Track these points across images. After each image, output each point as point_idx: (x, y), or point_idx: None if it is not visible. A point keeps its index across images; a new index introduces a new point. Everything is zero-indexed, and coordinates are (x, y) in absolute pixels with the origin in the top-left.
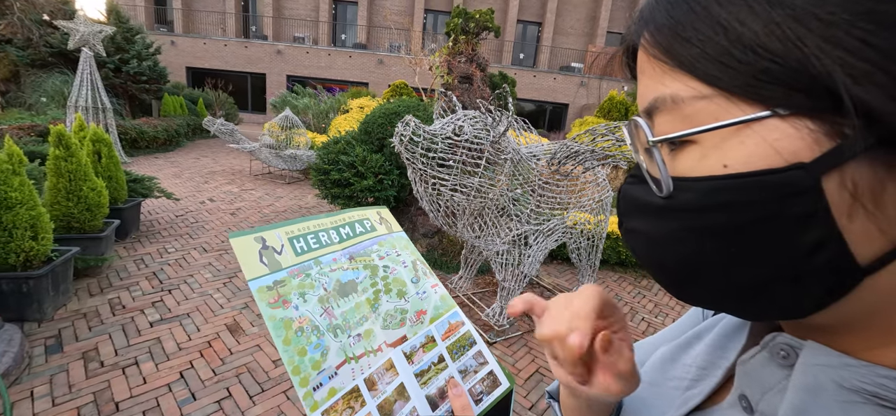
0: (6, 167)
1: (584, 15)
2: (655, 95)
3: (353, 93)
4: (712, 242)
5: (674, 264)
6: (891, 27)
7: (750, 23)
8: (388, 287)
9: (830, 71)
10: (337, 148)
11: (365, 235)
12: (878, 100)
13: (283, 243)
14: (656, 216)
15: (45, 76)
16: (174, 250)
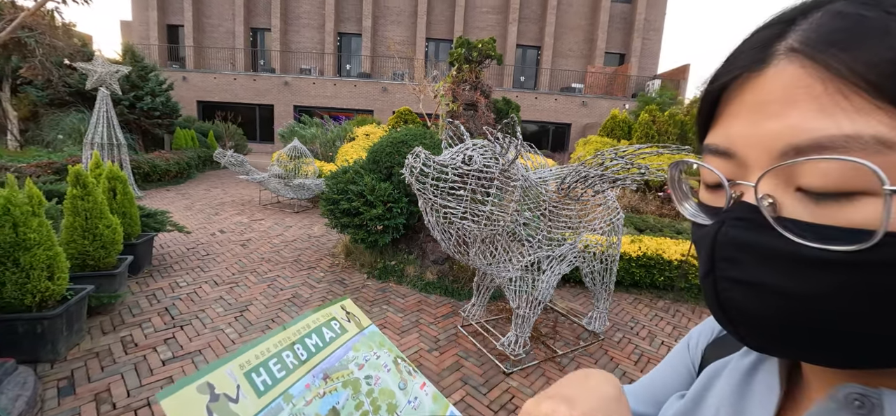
0: (26, 209)
1: (582, 37)
2: (836, 131)
3: (358, 121)
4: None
5: (817, 324)
6: None
7: None
8: (376, 405)
9: None
10: (346, 178)
11: (336, 340)
12: None
13: (238, 383)
14: (810, 268)
15: (62, 115)
16: (186, 284)
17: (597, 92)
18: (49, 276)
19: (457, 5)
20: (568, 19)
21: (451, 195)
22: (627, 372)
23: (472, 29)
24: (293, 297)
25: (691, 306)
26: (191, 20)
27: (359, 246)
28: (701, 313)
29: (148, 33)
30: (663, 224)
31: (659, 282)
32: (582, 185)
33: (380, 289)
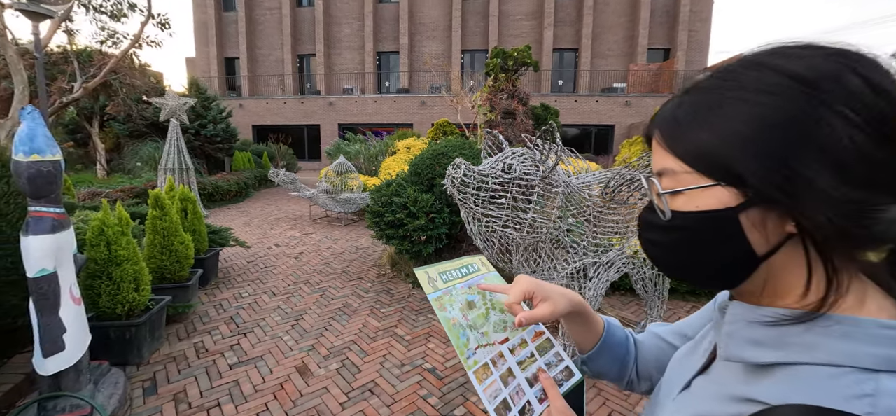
0: (116, 229)
1: (622, 35)
2: (663, 166)
3: (399, 135)
4: (691, 246)
5: (673, 260)
6: (758, 155)
7: (706, 143)
8: (494, 306)
9: (741, 172)
10: (389, 191)
11: (476, 272)
12: (756, 184)
13: (437, 276)
14: (662, 231)
15: (140, 145)
16: (248, 294)
17: (641, 91)
18: (135, 288)
19: (490, 15)
20: (605, 18)
21: (492, 204)
22: None
23: (506, 37)
24: (344, 307)
25: None
26: (245, 52)
27: (403, 256)
28: None
29: (209, 67)
30: None
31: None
32: (628, 188)
33: (424, 299)
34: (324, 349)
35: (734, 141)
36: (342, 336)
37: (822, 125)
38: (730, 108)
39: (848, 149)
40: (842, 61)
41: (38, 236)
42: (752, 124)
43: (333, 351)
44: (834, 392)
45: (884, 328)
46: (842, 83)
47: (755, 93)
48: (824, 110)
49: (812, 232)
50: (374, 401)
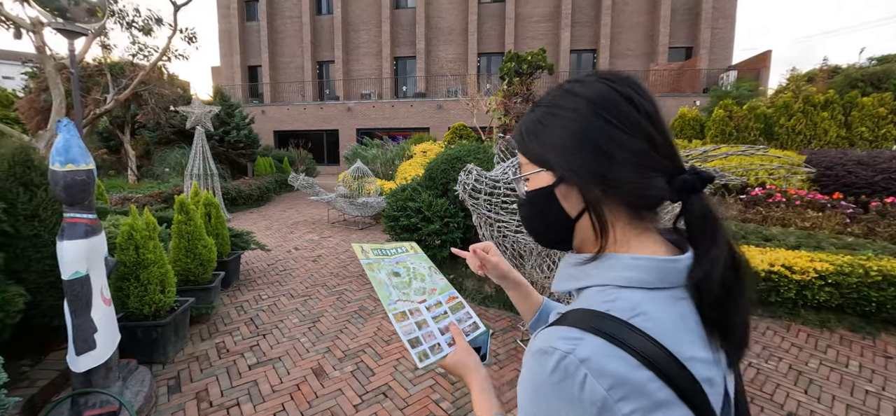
0: (144, 234)
1: (642, 34)
2: (520, 162)
3: (415, 139)
4: (536, 214)
5: (533, 227)
6: (561, 151)
7: (535, 148)
8: (417, 277)
9: (551, 161)
10: (404, 195)
11: (404, 253)
12: (559, 169)
13: (369, 250)
14: (523, 207)
15: (168, 151)
16: (267, 296)
17: (662, 90)
18: (161, 290)
19: (507, 18)
20: (625, 18)
21: (503, 209)
22: None
23: (523, 40)
24: (359, 310)
25: (785, 323)
26: (267, 60)
27: None
28: (797, 332)
29: (233, 75)
30: (747, 231)
31: None
32: None
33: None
34: (339, 351)
35: (550, 142)
36: (357, 339)
37: (596, 128)
38: (548, 121)
39: (612, 142)
40: (609, 84)
41: (72, 241)
42: (559, 131)
43: (348, 354)
44: (596, 300)
45: (633, 260)
46: (608, 99)
47: (562, 110)
48: (597, 119)
49: (588, 200)
50: (387, 404)
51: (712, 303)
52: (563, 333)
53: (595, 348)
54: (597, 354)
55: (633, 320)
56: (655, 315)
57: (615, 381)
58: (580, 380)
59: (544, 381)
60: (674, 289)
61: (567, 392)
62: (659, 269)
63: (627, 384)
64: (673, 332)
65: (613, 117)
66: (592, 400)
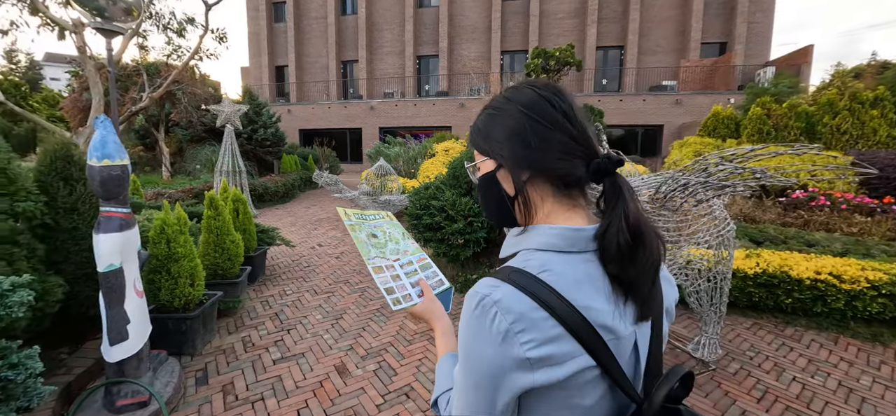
0: (176, 228)
1: (672, 30)
2: (473, 153)
3: (437, 137)
4: (487, 196)
5: (487, 209)
6: (499, 143)
7: (480, 142)
8: (390, 239)
9: (492, 151)
10: (427, 194)
11: (381, 218)
12: (497, 157)
13: (351, 214)
14: (479, 192)
15: (199, 149)
16: (291, 292)
17: (693, 88)
18: (191, 283)
19: (531, 15)
20: (654, 13)
21: None
22: (748, 411)
23: (548, 37)
24: (382, 308)
25: (833, 336)
26: (293, 61)
27: (441, 259)
28: (846, 345)
29: (261, 75)
30: (787, 235)
31: (785, 304)
32: (681, 194)
33: (462, 304)
34: (361, 349)
35: (492, 136)
36: (379, 338)
37: (523, 125)
38: (491, 121)
39: (536, 135)
40: (536, 90)
41: (107, 234)
42: (498, 128)
43: (371, 352)
44: (517, 260)
45: (549, 229)
46: (532, 102)
47: (501, 112)
48: (525, 118)
49: (516, 181)
50: (409, 405)
51: (609, 259)
52: (487, 281)
53: (505, 292)
54: (506, 297)
55: (541, 275)
56: (559, 271)
57: (516, 317)
58: (491, 316)
59: (469, 315)
60: (584, 253)
61: (482, 324)
62: (568, 236)
63: (525, 320)
64: (573, 285)
65: (537, 116)
66: (498, 330)
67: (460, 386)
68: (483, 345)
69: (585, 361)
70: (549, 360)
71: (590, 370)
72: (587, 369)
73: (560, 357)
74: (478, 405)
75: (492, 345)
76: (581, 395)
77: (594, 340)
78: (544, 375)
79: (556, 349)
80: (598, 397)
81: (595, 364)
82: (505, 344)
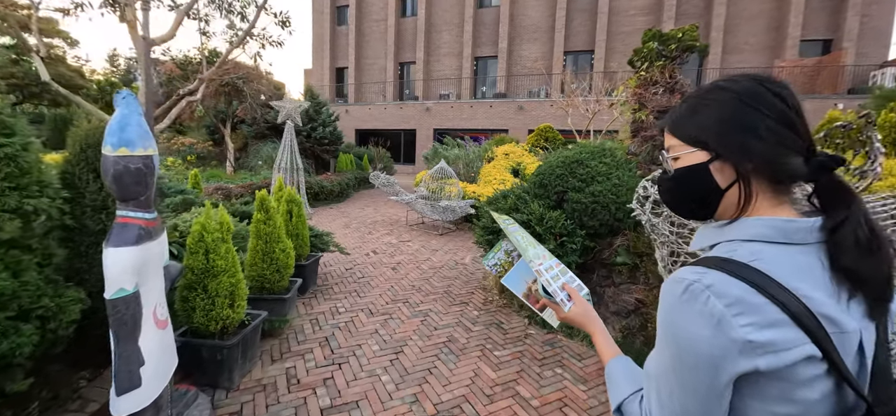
0: (217, 236)
1: (764, 25)
2: (669, 144)
3: (497, 140)
4: (684, 188)
5: (675, 200)
6: (717, 133)
7: (692, 128)
8: (530, 243)
9: (708, 141)
10: (507, 204)
11: (513, 224)
12: (716, 147)
13: (498, 218)
14: (669, 182)
15: (261, 145)
16: (344, 309)
17: None
18: (230, 303)
19: (599, 12)
20: (743, 7)
21: None
22: None
23: (616, 36)
24: (449, 340)
25: None
26: (353, 62)
27: None
28: None
29: (322, 76)
30: None
31: None
32: None
33: (547, 343)
34: (429, 403)
35: (706, 125)
36: (450, 387)
37: (747, 115)
38: (703, 109)
39: (761, 127)
40: (758, 81)
41: (118, 249)
42: (713, 118)
43: (442, 410)
44: (722, 250)
45: (758, 220)
46: (757, 94)
47: (715, 101)
48: (748, 108)
49: (741, 173)
50: None
51: (844, 252)
52: (692, 268)
53: (717, 277)
54: (718, 281)
55: (752, 263)
56: (772, 259)
57: (733, 300)
58: (704, 299)
59: (676, 301)
60: (798, 245)
61: (693, 309)
62: (780, 227)
63: (744, 303)
64: (791, 273)
65: (762, 107)
66: (712, 313)
67: (669, 378)
68: (697, 328)
69: (811, 350)
70: (772, 345)
71: (815, 362)
72: (813, 359)
73: (784, 343)
74: (694, 395)
75: (707, 327)
76: (806, 389)
77: (818, 330)
78: (768, 360)
79: (779, 335)
80: (823, 392)
81: (821, 356)
82: (722, 326)
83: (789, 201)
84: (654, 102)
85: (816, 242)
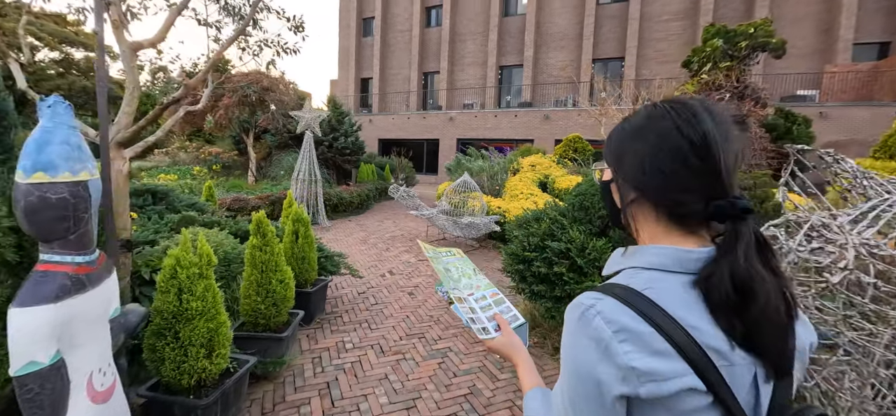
0: (193, 272)
1: (811, 28)
2: (603, 165)
3: (522, 151)
4: (605, 198)
5: (608, 211)
6: (616, 158)
7: (606, 151)
8: (463, 274)
9: (612, 164)
10: (541, 229)
11: (452, 257)
12: (613, 170)
13: (429, 247)
14: (601, 192)
15: (284, 155)
16: (352, 345)
17: (844, 98)
18: (208, 353)
19: (630, 19)
20: (788, 10)
21: None
22: None
23: (647, 42)
24: (471, 391)
25: None
26: (378, 73)
27: (552, 322)
28: None
29: (347, 87)
30: None
31: None
32: None
33: None
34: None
35: (615, 149)
36: None
37: (643, 148)
38: (621, 133)
39: (652, 163)
40: (671, 111)
41: (27, 310)
42: (623, 143)
43: None
44: (621, 277)
45: (655, 249)
46: (660, 127)
47: (630, 128)
48: (646, 143)
49: (624, 198)
50: None
51: (714, 307)
52: (589, 294)
53: (609, 304)
54: (609, 308)
55: (645, 291)
56: (664, 288)
57: (619, 327)
58: (595, 325)
59: (573, 324)
60: (691, 275)
61: (585, 332)
62: (675, 256)
63: (629, 331)
64: (679, 304)
65: (659, 142)
66: (600, 338)
67: (566, 399)
68: (588, 353)
69: (693, 381)
70: (654, 375)
71: (698, 394)
72: (696, 392)
73: (666, 373)
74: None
75: (596, 352)
76: None
77: (703, 361)
78: (648, 388)
79: (661, 365)
80: None
81: (705, 389)
82: (609, 352)
83: (700, 235)
84: None
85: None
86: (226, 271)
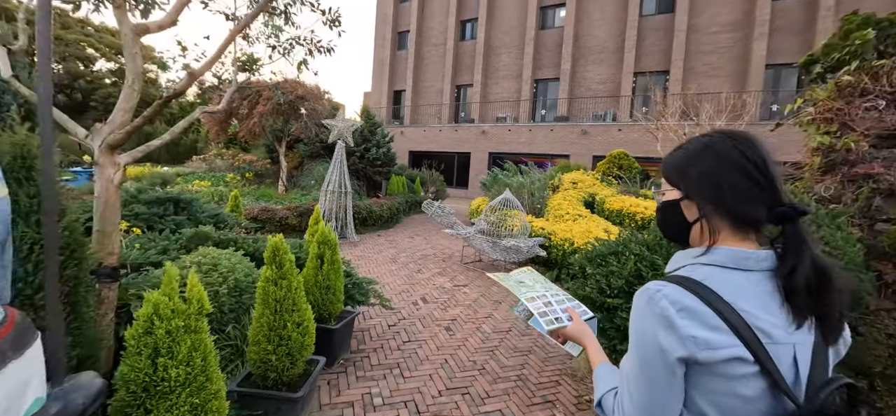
0: (176, 324)
1: None
2: (662, 180)
3: (562, 167)
4: (666, 216)
5: (662, 225)
6: (685, 178)
7: (672, 171)
8: (537, 281)
9: (679, 184)
10: (627, 270)
11: (522, 272)
12: (683, 190)
13: (501, 277)
14: (660, 211)
15: (315, 165)
16: (381, 401)
17: None
18: None
19: (676, 30)
20: None
21: None
22: None
23: (695, 55)
24: None
25: None
26: (411, 85)
27: None
28: None
29: (381, 99)
30: None
31: None
32: None
33: None
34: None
35: (683, 171)
36: None
37: (715, 169)
38: (686, 157)
39: (724, 182)
40: (731, 140)
41: None
42: (691, 166)
43: None
44: (684, 271)
45: (718, 249)
46: (726, 151)
47: (695, 152)
48: (718, 163)
49: (701, 212)
50: None
51: (796, 293)
52: (657, 282)
53: (672, 289)
54: (672, 292)
55: (704, 281)
56: (720, 280)
57: (682, 306)
58: (661, 305)
59: (642, 306)
60: (745, 271)
61: (652, 311)
62: (735, 255)
63: (689, 310)
64: (733, 292)
65: (729, 164)
66: (665, 315)
67: (635, 372)
68: (653, 326)
69: (741, 352)
70: (709, 343)
71: (746, 363)
72: (743, 360)
73: (719, 343)
74: (652, 384)
75: (661, 326)
76: (741, 386)
77: (751, 338)
78: (705, 354)
79: (715, 337)
80: (757, 391)
81: (752, 359)
82: (672, 326)
83: (754, 237)
84: (869, 122)
85: (762, 269)
86: (236, 302)
